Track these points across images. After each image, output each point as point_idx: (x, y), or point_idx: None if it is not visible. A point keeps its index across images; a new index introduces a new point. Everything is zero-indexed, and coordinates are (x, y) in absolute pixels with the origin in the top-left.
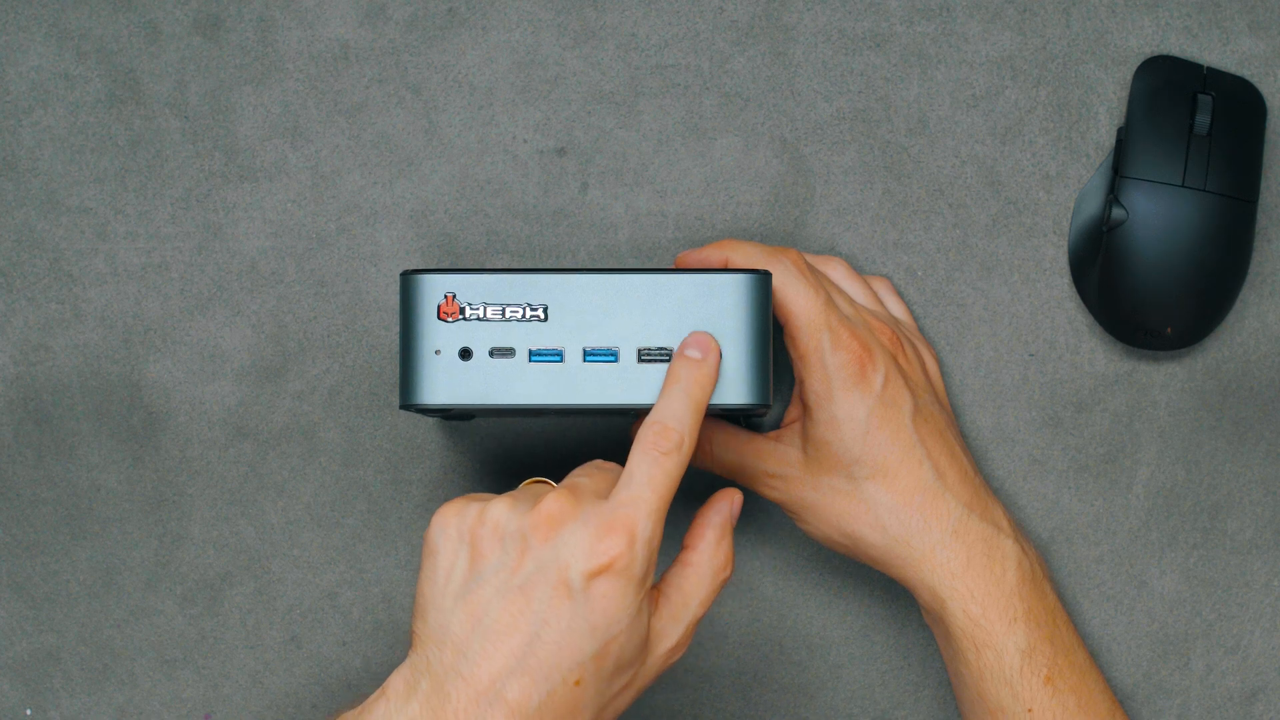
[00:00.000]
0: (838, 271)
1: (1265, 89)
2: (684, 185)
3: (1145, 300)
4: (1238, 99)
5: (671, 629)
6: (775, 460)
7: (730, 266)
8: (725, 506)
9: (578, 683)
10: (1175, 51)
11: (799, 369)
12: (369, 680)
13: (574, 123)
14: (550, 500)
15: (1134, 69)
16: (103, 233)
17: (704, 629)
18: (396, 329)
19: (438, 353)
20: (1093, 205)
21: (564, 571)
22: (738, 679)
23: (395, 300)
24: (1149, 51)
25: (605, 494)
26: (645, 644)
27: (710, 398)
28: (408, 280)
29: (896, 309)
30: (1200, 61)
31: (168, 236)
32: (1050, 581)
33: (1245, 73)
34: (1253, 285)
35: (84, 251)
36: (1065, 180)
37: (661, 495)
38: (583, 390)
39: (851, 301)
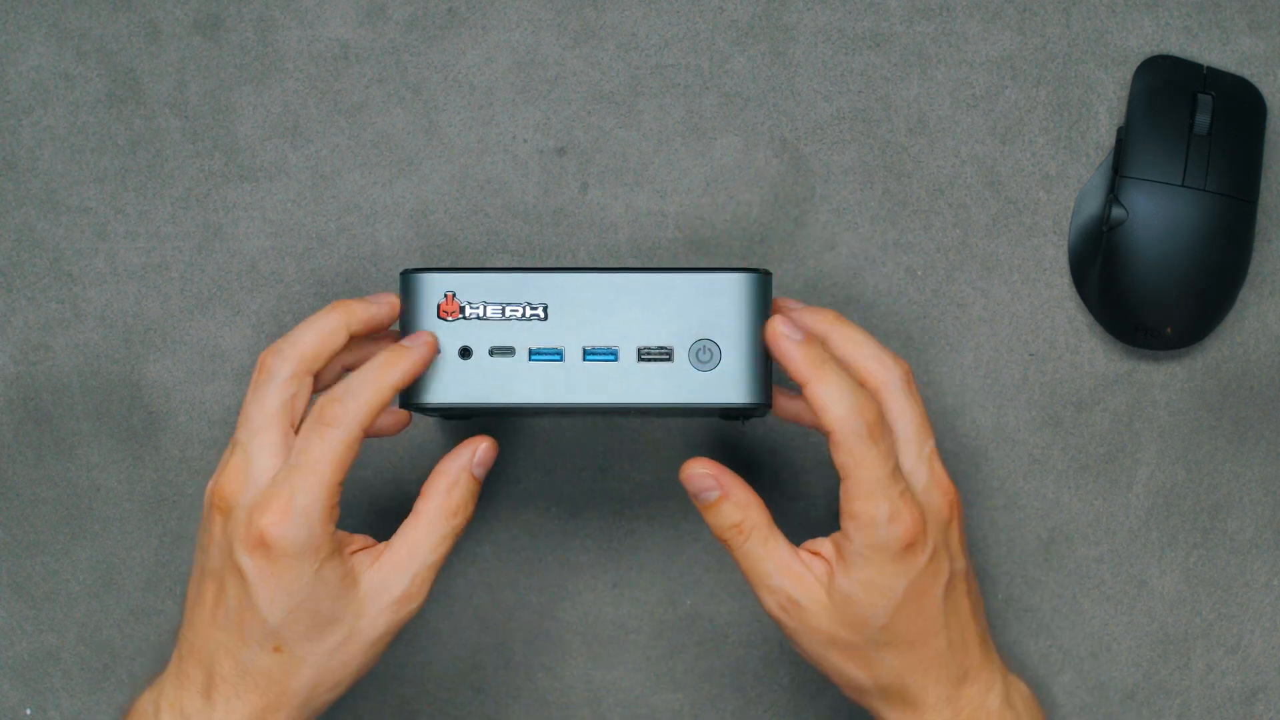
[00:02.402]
0: (906, 388)
1: (1265, 89)
2: (684, 185)
3: (1145, 300)
4: (1238, 99)
5: (395, 579)
6: (798, 587)
7: (841, 359)
8: (465, 453)
9: (276, 649)
10: (1175, 51)
11: (847, 524)
12: (369, 680)
13: (574, 123)
14: (224, 479)
15: (1134, 69)
16: (103, 233)
17: (704, 628)
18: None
19: (438, 352)
20: (1093, 205)
21: (233, 554)
22: (738, 679)
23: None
24: (1149, 51)
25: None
26: (348, 599)
27: (396, 390)
28: (408, 279)
29: None
30: (1200, 61)
31: (168, 236)
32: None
33: (1245, 73)
34: (1253, 285)
35: (84, 251)
36: (1065, 180)
37: (320, 467)
38: (582, 390)
39: (920, 454)
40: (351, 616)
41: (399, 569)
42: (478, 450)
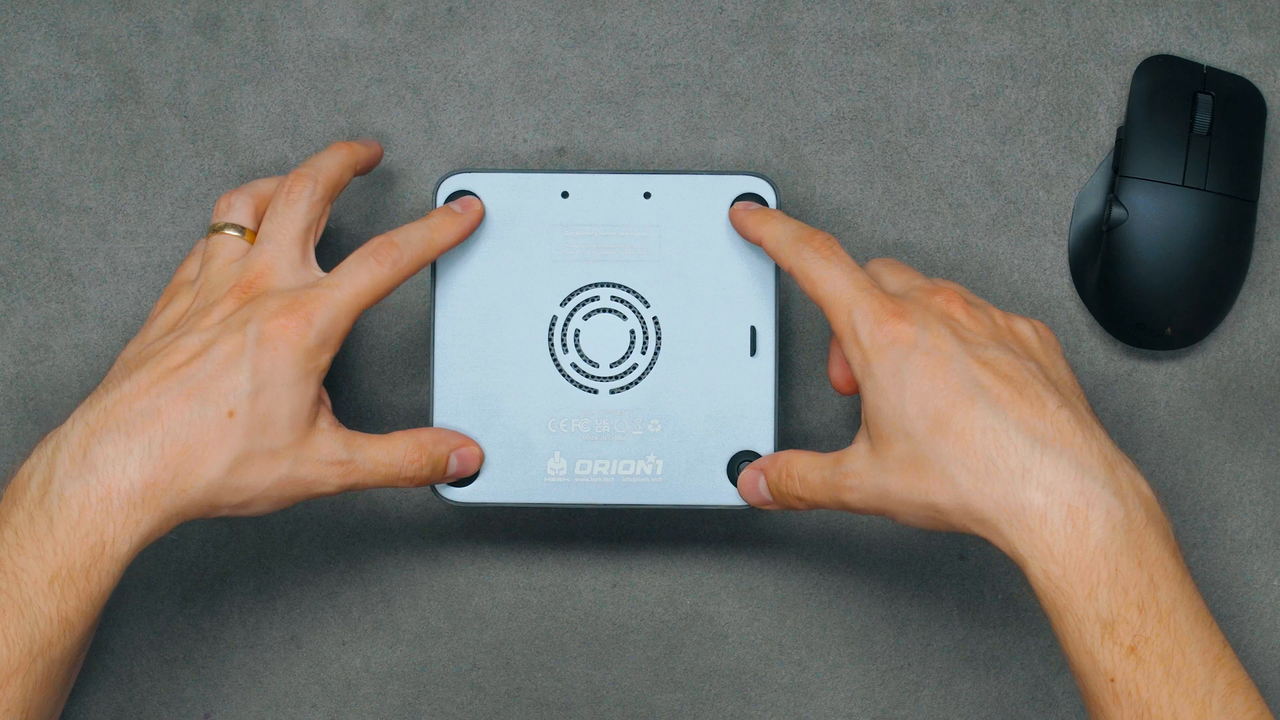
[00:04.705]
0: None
1: (1265, 89)
2: None
3: (1145, 300)
4: (1238, 99)
5: (338, 451)
6: (848, 459)
7: (763, 243)
8: (455, 438)
9: (230, 414)
10: (1175, 51)
11: (843, 350)
12: (369, 680)
13: (574, 122)
14: (256, 271)
15: (1134, 69)
16: (103, 233)
17: (704, 628)
18: (396, 328)
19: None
20: (1093, 205)
21: (245, 323)
22: (738, 679)
23: (394, 300)
24: (1149, 51)
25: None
26: (302, 428)
27: (443, 249)
28: (440, 182)
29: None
30: (1200, 61)
31: (168, 236)
32: (1158, 530)
33: (1245, 73)
34: (1253, 285)
35: (84, 251)
36: (1065, 180)
37: (356, 293)
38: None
39: (914, 281)
40: (292, 451)
41: (346, 446)
42: (468, 450)
